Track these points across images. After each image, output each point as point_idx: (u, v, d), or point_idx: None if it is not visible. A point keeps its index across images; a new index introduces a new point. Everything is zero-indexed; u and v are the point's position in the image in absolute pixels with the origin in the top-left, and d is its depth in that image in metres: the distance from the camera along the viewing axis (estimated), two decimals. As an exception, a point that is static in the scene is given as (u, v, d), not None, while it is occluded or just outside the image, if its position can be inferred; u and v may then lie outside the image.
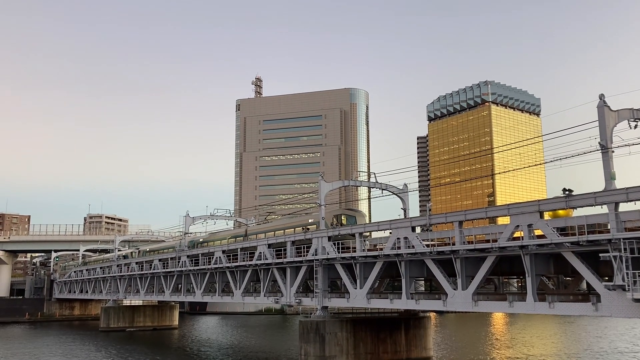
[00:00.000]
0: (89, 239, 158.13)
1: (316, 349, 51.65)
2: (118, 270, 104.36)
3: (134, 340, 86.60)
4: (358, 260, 50.32)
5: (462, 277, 41.52)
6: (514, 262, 40.34)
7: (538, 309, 36.75)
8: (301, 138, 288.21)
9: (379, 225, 50.14)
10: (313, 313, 55.00)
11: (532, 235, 36.64)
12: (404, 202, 62.34)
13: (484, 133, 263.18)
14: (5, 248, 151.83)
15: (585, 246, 33.41)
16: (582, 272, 34.31)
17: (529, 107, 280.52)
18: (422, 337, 57.13)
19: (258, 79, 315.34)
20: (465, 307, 41.36)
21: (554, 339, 79.08)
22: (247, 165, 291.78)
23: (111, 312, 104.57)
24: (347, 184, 66.80)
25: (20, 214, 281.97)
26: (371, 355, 53.52)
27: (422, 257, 44.45)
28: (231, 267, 67.89)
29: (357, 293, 50.68)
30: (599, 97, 35.65)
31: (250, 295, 68.01)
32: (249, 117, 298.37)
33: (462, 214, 42.01)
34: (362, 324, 53.95)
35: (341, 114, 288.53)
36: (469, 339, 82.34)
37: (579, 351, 65.05)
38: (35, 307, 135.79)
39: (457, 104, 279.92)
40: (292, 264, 58.19)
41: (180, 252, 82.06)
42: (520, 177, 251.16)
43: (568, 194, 35.08)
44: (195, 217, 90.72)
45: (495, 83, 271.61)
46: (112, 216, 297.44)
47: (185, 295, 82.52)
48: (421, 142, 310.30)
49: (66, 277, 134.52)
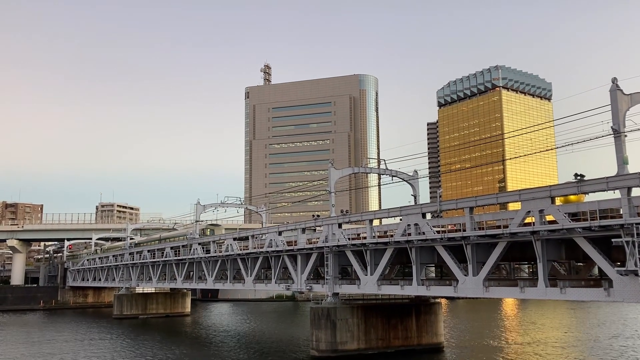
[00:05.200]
0: (101, 228, 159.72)
1: (327, 335, 51.95)
2: (130, 258, 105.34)
3: (147, 327, 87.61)
4: (368, 247, 50.40)
5: (473, 263, 41.48)
6: (525, 248, 40.20)
7: (549, 295, 36.67)
8: (310, 125, 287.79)
9: (390, 212, 50.14)
10: (324, 299, 55.24)
11: (543, 221, 36.45)
12: (414, 189, 62.23)
13: (495, 118, 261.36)
14: (19, 237, 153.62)
15: (598, 231, 33.19)
16: (594, 258, 34.14)
17: (540, 92, 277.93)
18: (433, 323, 57.23)
19: (267, 66, 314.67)
20: (476, 293, 41.38)
21: (564, 325, 79.02)
22: (257, 153, 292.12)
23: (124, 299, 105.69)
24: (357, 171, 66.66)
25: (33, 203, 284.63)
26: (382, 341, 53.76)
27: (433, 243, 44.42)
28: (242, 254, 68.30)
29: (368, 279, 50.82)
30: (612, 81, 35.18)
31: (262, 282, 68.48)
32: (258, 105, 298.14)
33: (473, 200, 41.89)
34: (373, 310, 54.14)
35: (350, 101, 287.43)
36: (480, 324, 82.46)
37: (590, 336, 64.98)
38: (49, 295, 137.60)
39: (467, 89, 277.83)
40: (303, 250, 58.40)
41: (192, 240, 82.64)
42: (531, 163, 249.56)
43: (580, 179, 34.82)
44: (207, 205, 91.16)
45: (505, 68, 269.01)
46: (123, 205, 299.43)
47: (197, 282, 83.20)
48: (431, 128, 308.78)
49: (79, 265, 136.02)
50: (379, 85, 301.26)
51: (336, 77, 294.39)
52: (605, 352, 53.35)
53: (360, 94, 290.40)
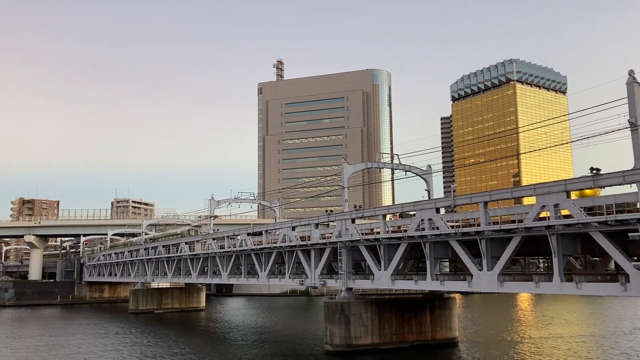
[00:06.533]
0: (116, 223, 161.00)
1: (341, 329, 52.10)
2: (145, 254, 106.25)
3: (162, 322, 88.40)
4: (382, 242, 50.40)
5: (488, 258, 41.31)
6: (540, 242, 39.93)
7: (565, 290, 36.44)
8: (323, 120, 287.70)
9: (403, 207, 50.07)
10: (338, 294, 55.37)
11: (558, 216, 36.22)
12: (428, 184, 62.07)
13: (509, 112, 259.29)
14: (36, 233, 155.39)
15: (614, 226, 32.92)
16: (610, 252, 33.87)
17: (554, 85, 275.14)
18: (447, 318, 57.13)
19: (279, 62, 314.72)
20: (491, 288, 41.21)
21: (582, 319, 78.44)
22: (270, 149, 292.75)
23: (140, 294, 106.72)
24: (370, 165, 66.64)
25: (49, 200, 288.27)
26: (396, 335, 53.80)
27: (447, 238, 44.32)
28: (256, 249, 68.62)
29: (382, 274, 50.83)
30: (628, 74, 34.78)
31: (275, 277, 68.75)
32: (271, 101, 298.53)
33: (487, 194, 41.72)
34: (387, 305, 54.17)
35: (363, 96, 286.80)
36: (495, 319, 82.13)
37: (606, 332, 64.43)
38: (66, 290, 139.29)
39: (481, 83, 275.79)
40: (316, 245, 58.54)
41: (206, 236, 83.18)
42: (546, 157, 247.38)
43: (595, 173, 34.52)
44: (220, 201, 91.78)
45: (520, 61, 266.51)
46: (138, 200, 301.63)
47: (212, 277, 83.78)
48: (445, 122, 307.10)
49: (95, 261, 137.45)
50: (392, 80, 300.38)
51: (349, 72, 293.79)
52: (629, 347, 52.87)
53: (373, 88, 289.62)
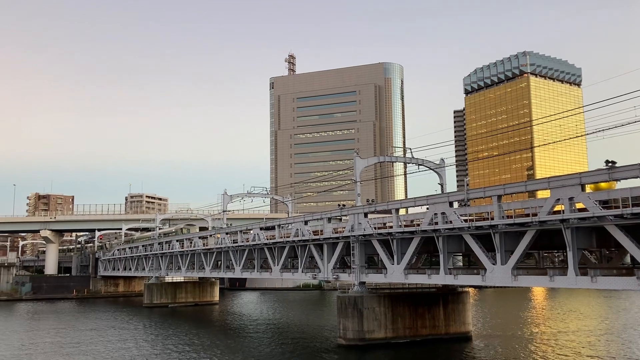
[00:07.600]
0: (131, 218, 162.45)
1: (354, 323, 52.17)
2: (159, 248, 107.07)
3: (177, 316, 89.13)
4: (395, 236, 50.31)
5: (501, 252, 41.08)
6: (555, 236, 39.65)
7: (580, 284, 36.15)
8: (335, 114, 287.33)
9: (416, 201, 49.91)
10: (351, 288, 55.39)
11: (573, 209, 35.89)
12: (441, 177, 61.83)
13: (523, 105, 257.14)
14: (52, 227, 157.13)
15: (630, 219, 32.56)
16: (626, 246, 33.53)
17: (569, 78, 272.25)
18: (461, 312, 56.98)
19: (291, 56, 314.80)
20: (505, 282, 40.99)
21: (597, 313, 77.84)
22: (282, 143, 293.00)
23: (154, 288, 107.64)
24: (383, 160, 66.43)
25: (64, 195, 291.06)
26: (409, 330, 53.79)
27: (460, 232, 44.12)
28: (269, 243, 68.87)
29: (395, 268, 50.78)
30: (645, 65, 34.34)
31: (288, 271, 68.98)
32: (283, 95, 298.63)
33: (501, 188, 41.43)
34: (400, 299, 54.13)
35: (375, 89, 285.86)
36: (509, 313, 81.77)
37: (621, 327, 63.89)
38: (81, 284, 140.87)
39: (494, 75, 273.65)
40: (329, 240, 58.60)
41: (220, 230, 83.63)
42: (561, 150, 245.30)
43: (611, 166, 34.15)
44: (233, 195, 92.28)
45: (534, 53, 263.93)
46: (152, 195, 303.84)
47: (225, 271, 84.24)
48: (458, 115, 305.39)
49: (110, 255, 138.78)
50: (404, 74, 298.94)
51: (361, 65, 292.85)
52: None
53: (385, 82, 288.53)
